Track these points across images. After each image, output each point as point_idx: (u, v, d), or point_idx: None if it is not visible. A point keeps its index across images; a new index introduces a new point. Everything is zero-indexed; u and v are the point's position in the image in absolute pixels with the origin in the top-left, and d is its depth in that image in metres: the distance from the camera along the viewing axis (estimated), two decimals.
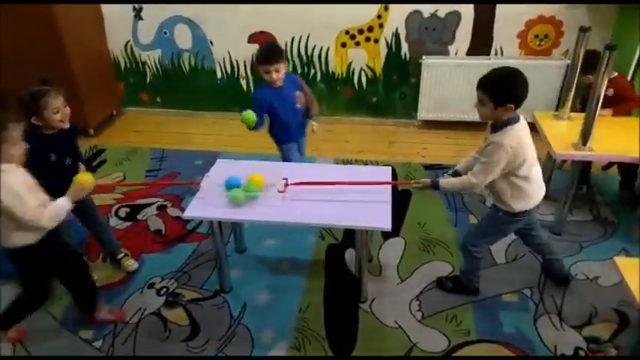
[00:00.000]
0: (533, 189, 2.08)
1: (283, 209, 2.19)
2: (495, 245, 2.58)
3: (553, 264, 2.45)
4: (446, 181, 2.19)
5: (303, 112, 2.85)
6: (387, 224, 2.08)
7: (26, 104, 2.09)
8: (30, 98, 2.09)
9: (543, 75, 3.73)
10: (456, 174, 2.25)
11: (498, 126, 1.97)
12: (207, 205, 2.24)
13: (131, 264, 2.67)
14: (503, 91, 1.90)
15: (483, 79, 1.94)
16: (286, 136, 2.86)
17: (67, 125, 2.19)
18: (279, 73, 2.62)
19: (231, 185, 2.25)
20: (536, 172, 2.07)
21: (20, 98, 2.10)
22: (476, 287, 2.41)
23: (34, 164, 1.97)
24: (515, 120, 1.97)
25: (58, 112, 2.13)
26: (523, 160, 1.97)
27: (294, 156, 2.88)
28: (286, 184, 2.30)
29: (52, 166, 2.19)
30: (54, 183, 1.99)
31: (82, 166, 2.25)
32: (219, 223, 2.29)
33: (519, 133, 1.96)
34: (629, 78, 3.31)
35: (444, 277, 2.50)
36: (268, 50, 2.72)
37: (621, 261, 1.86)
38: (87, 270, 2.28)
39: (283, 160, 2.90)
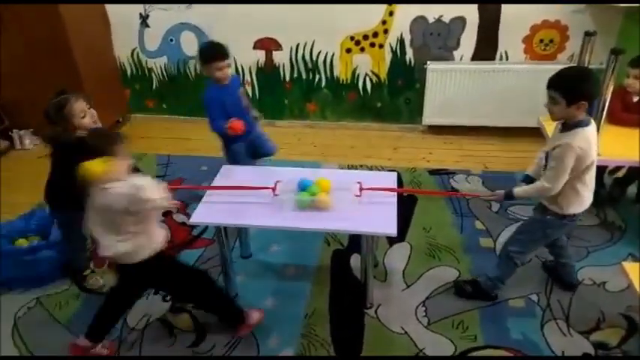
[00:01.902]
0: (589, 194, 2.08)
1: (287, 215, 2.19)
2: None
3: (566, 268, 2.43)
4: (521, 190, 2.13)
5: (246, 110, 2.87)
6: (392, 230, 2.08)
7: (53, 117, 2.16)
8: (55, 111, 2.15)
9: None
10: (529, 179, 2.22)
11: (569, 126, 1.96)
12: (212, 210, 2.25)
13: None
14: (577, 88, 1.89)
15: (555, 77, 1.93)
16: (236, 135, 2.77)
17: (99, 125, 2.25)
18: (230, 68, 2.71)
19: (304, 187, 2.26)
20: (594, 177, 2.06)
21: (46, 113, 2.16)
22: (496, 294, 2.38)
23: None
24: (587, 122, 1.95)
25: (85, 115, 2.19)
26: (591, 163, 1.96)
27: (242, 157, 2.89)
28: (361, 189, 2.29)
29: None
30: None
31: None
32: (225, 228, 2.29)
33: (589, 136, 1.94)
34: None
35: (463, 281, 2.48)
36: (217, 46, 2.74)
37: (629, 266, 1.86)
38: (212, 285, 2.23)
39: (230, 162, 2.86)
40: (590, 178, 2.03)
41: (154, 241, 1.98)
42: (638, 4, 3.16)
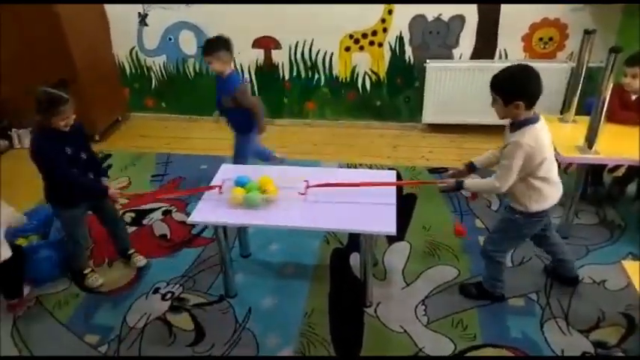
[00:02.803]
0: (551, 189, 2.07)
1: (287, 214, 2.19)
2: None
3: (564, 265, 2.43)
4: (470, 182, 2.17)
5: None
6: (391, 228, 2.07)
7: (42, 105, 2.16)
8: (48, 101, 2.15)
9: (548, 78, 3.66)
10: (472, 167, 2.26)
11: (516, 125, 1.96)
12: (212, 209, 2.25)
13: (140, 259, 2.72)
14: (510, 87, 1.90)
15: (493, 77, 1.95)
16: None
17: (67, 129, 2.23)
18: (217, 64, 2.96)
19: (240, 184, 2.28)
20: (553, 172, 2.06)
21: (39, 96, 2.15)
22: (501, 293, 2.37)
23: (57, 156, 2.18)
24: (535, 120, 1.96)
25: (65, 120, 2.20)
26: (542, 160, 1.96)
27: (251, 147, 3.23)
28: (307, 187, 2.30)
29: (69, 158, 2.27)
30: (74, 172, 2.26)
31: (104, 180, 2.47)
32: (224, 227, 2.29)
33: (538, 133, 1.94)
34: None
35: (468, 284, 2.47)
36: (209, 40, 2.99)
37: (629, 265, 1.86)
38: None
39: (241, 153, 3.17)
40: (547, 173, 2.01)
41: None
42: (636, 2, 3.16)
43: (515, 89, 1.90)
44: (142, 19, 4.18)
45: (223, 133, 4.37)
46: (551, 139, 2.02)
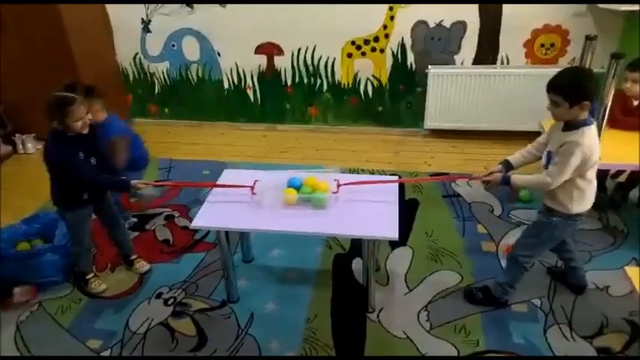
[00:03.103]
0: (592, 192, 2.07)
1: (289, 219, 2.19)
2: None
3: (575, 272, 2.42)
4: (519, 178, 2.13)
5: None
6: (394, 234, 2.07)
7: (52, 109, 2.18)
8: (57, 104, 2.17)
9: None
10: (508, 165, 2.24)
11: (574, 125, 1.96)
12: (214, 214, 2.26)
13: (143, 265, 2.73)
14: (577, 89, 1.90)
15: (554, 80, 1.93)
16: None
17: (85, 131, 2.26)
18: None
19: (294, 185, 2.30)
20: (594, 175, 2.06)
21: (48, 101, 2.18)
22: (506, 299, 2.37)
23: (77, 160, 2.22)
24: (591, 121, 1.96)
25: (80, 120, 2.20)
26: (595, 162, 1.97)
27: None
28: (338, 185, 2.32)
29: (82, 164, 2.29)
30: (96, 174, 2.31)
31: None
32: (226, 232, 2.29)
33: (594, 134, 1.95)
34: None
35: (475, 288, 2.45)
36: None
37: (632, 271, 1.85)
38: None
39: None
40: (593, 176, 2.03)
41: None
42: (638, 8, 3.16)
43: (582, 90, 1.89)
44: (145, 25, 4.21)
45: (225, 138, 4.41)
46: None
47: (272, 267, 2.73)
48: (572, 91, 1.90)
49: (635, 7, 3.16)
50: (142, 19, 4.19)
